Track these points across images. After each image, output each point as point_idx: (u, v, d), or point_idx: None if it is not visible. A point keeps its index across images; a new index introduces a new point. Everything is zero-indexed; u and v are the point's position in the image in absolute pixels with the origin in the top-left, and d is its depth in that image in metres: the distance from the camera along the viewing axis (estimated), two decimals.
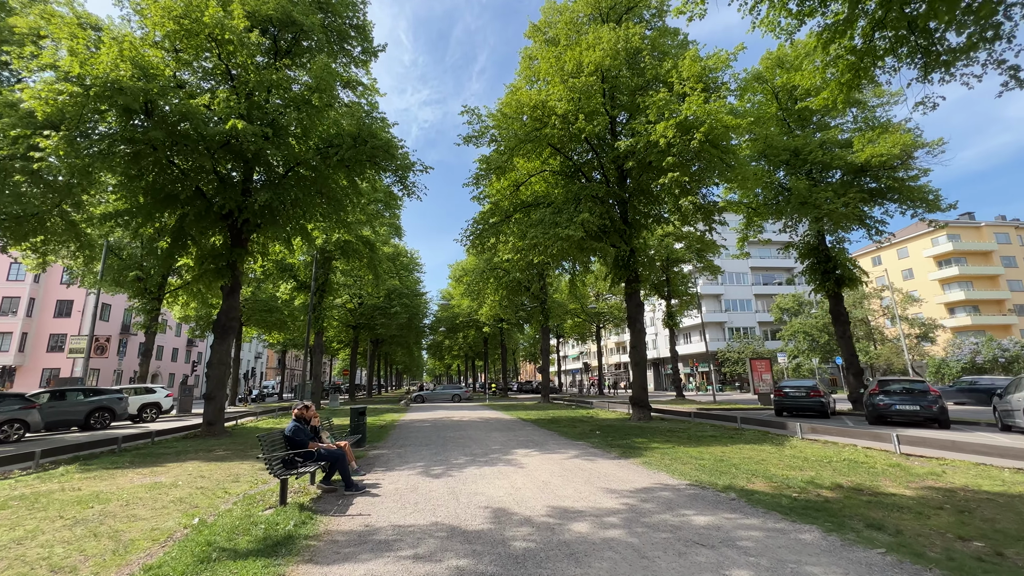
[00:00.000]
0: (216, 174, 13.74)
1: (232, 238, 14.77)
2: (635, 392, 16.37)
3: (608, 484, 6.27)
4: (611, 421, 15.83)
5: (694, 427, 13.14)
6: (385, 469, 7.70)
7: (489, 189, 18.50)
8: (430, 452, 9.45)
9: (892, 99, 18.67)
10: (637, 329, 16.80)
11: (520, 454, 9.04)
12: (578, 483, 6.39)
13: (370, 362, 49.49)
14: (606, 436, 11.59)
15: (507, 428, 14.16)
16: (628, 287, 17.16)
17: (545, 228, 14.34)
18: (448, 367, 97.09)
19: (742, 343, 46.57)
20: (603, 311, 43.17)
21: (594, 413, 19.59)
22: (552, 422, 15.77)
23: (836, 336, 19.17)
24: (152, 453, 9.97)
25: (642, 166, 14.51)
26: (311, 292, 24.66)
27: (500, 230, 17.36)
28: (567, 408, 23.29)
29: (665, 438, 10.96)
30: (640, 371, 16.49)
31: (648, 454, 8.66)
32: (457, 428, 14.35)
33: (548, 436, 11.98)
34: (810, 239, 20.18)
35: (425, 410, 24.23)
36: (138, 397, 18.97)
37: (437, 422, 16.51)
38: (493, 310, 32.34)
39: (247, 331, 41.38)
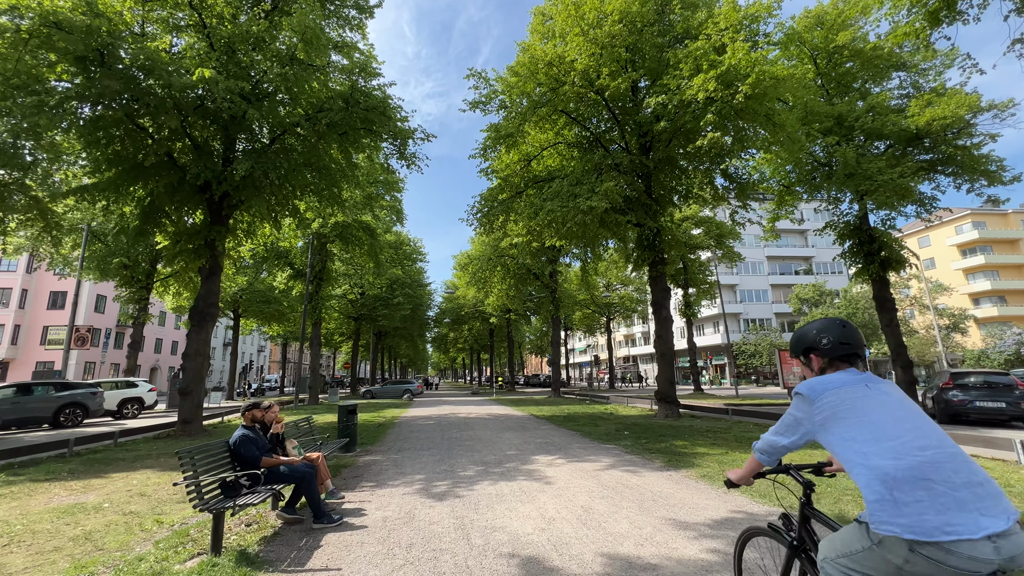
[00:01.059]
0: (190, 139, 12.12)
1: (211, 214, 13.18)
2: (661, 386, 14.71)
3: (672, 512, 4.62)
4: (635, 419, 14.18)
5: (736, 427, 11.46)
6: (375, 484, 6.09)
7: (498, 163, 16.78)
8: (432, 459, 7.83)
9: (946, 60, 16.71)
10: (663, 317, 15.11)
11: (543, 462, 7.40)
12: (630, 509, 4.75)
13: (373, 355, 48.06)
14: (638, 438, 9.94)
15: (520, 427, 12.54)
16: (653, 270, 15.45)
17: (563, 201, 12.62)
18: (453, 361, 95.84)
19: (759, 335, 44.75)
20: (614, 302, 41.43)
21: (613, 409, 17.95)
22: (569, 420, 14.15)
23: (881, 325, 17.37)
24: (104, 459, 8.42)
25: (672, 130, 12.72)
26: (307, 280, 23.09)
27: (510, 208, 15.66)
28: (581, 403, 21.67)
29: (709, 441, 9.30)
30: (666, 363, 14.81)
31: (701, 463, 7.00)
32: (464, 427, 12.75)
33: (570, 437, 10.35)
34: (851, 218, 18.31)
35: (429, 405, 22.69)
36: (117, 392, 17.52)
37: (442, 420, 14.93)
38: (500, 300, 30.70)
39: (246, 323, 40.05)
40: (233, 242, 15.09)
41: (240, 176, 11.34)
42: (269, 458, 4.35)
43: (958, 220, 53.76)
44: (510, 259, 27.22)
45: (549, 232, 15.80)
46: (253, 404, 4.77)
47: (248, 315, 35.99)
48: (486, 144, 15.35)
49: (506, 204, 15.29)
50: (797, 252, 51.02)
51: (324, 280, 26.67)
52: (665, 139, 13.73)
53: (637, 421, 13.47)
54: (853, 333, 1.76)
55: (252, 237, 15.71)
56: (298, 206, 15.91)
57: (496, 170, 16.76)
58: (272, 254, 26.09)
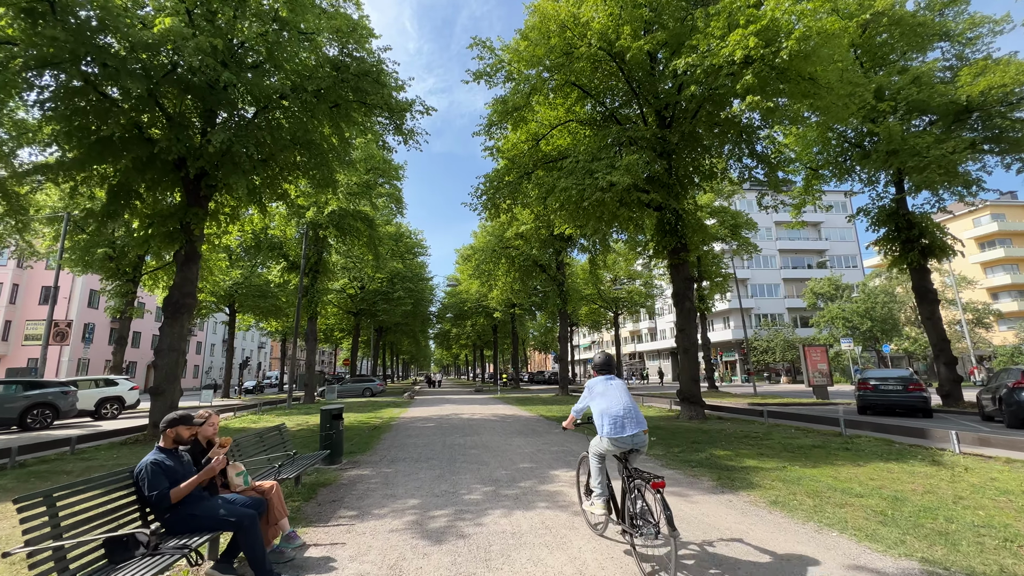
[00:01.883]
0: (161, 110, 10.81)
1: (187, 195, 11.90)
2: (684, 385, 13.38)
3: (762, 567, 3.30)
4: (656, 421, 12.86)
5: (776, 432, 10.12)
6: (356, 515, 4.79)
7: (504, 143, 15.43)
8: (431, 474, 6.53)
9: (995, 27, 15.23)
10: (686, 309, 13.76)
11: (566, 480, 6.10)
12: (703, 561, 3.42)
13: (374, 351, 46.86)
14: (668, 445, 8.62)
15: (531, 431, 11.24)
16: (674, 258, 14.09)
17: (578, 178, 11.25)
18: (456, 357, 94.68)
19: (771, 331, 43.32)
20: (622, 296, 40.05)
21: None
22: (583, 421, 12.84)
23: (922, 318, 15.97)
24: (47, 472, 7.16)
25: (702, 97, 11.32)
26: (301, 271, 21.81)
27: (518, 189, 14.29)
28: None
29: (754, 450, 7.97)
30: (690, 360, 13.48)
31: (761, 483, 5.69)
32: (468, 430, 11.46)
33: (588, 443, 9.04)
34: (887, 202, 16.92)
35: (430, 404, 21.43)
36: (95, 391, 16.30)
37: (443, 421, 13.65)
38: (504, 294, 29.37)
39: (243, 319, 38.90)
40: (216, 227, 13.80)
41: (215, 150, 10.06)
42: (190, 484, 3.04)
43: (976, 212, 52.03)
44: (515, 250, 25.88)
45: (560, 217, 14.47)
46: (178, 419, 3.46)
47: (244, 310, 34.82)
48: (491, 120, 13.99)
49: (513, 186, 13.92)
50: (810, 245, 49.44)
51: (320, 273, 25.40)
52: (691, 110, 12.34)
53: (659, 423, 12.16)
54: (608, 359, 4.17)
55: (236, 222, 14.39)
56: (288, 190, 14.62)
57: (502, 150, 15.40)
58: (265, 245, 24.80)
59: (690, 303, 13.85)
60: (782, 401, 18.39)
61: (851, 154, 17.38)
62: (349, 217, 24.01)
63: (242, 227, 16.89)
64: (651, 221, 18.55)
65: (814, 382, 19.72)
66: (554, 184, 12.01)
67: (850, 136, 17.43)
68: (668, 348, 58.61)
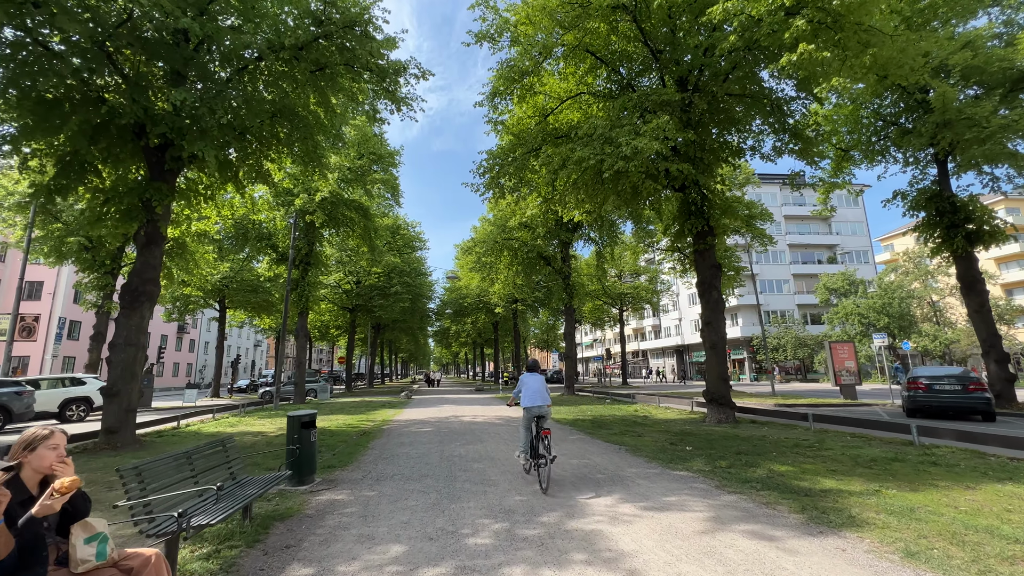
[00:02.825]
0: (115, 67, 9.33)
1: (150, 168, 10.44)
2: (711, 384, 11.95)
3: None
4: (680, 424, 11.43)
5: (829, 439, 8.68)
6: (313, 569, 3.34)
7: (509, 119, 13.99)
8: (423, 503, 5.08)
9: None
10: (713, 300, 12.33)
11: (601, 510, 4.66)
12: None
13: (371, 349, 45.41)
14: (709, 457, 7.19)
15: None
16: (699, 243, 12.66)
17: (597, 148, 9.79)
18: (455, 355, 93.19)
19: (782, 327, 41.90)
20: (627, 292, 38.61)
21: (643, 410, 15.19)
22: (599, 425, 11.41)
23: (969, 311, 14.54)
24: None
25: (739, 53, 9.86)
26: (289, 262, 20.35)
27: (525, 167, 12.83)
28: (600, 402, 18.94)
29: (817, 463, 6.54)
30: (718, 356, 12.05)
31: (864, 516, 4.25)
32: (470, 436, 10.02)
33: (615, 455, 7.60)
34: (926, 184, 15.50)
35: (428, 405, 19.99)
36: (60, 391, 14.85)
37: (442, 425, 12.21)
38: (506, 288, 27.91)
39: (234, 315, 37.46)
40: (187, 208, 12.35)
41: (174, 108, 8.60)
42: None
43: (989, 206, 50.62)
44: (518, 242, 24.41)
45: (573, 196, 13.00)
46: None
47: (234, 305, 33.38)
48: (496, 88, 12.51)
49: (520, 162, 12.45)
50: (820, 240, 47.97)
51: (312, 265, 23.93)
52: (722, 72, 10.87)
53: (685, 428, 10.72)
54: (535, 363, 6.68)
55: (212, 204, 12.89)
56: (270, 170, 13.15)
57: (507, 125, 13.95)
58: (253, 235, 23.32)
59: (717, 293, 12.42)
60: (809, 402, 16.97)
61: (887, 133, 15.96)
62: (342, 206, 22.54)
63: (220, 211, 15.37)
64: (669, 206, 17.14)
65: (842, 381, 18.30)
66: (567, 157, 10.54)
67: (886, 113, 16.01)
68: (673, 346, 57.21)
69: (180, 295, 30.16)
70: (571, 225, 24.85)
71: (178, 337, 55.69)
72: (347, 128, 21.69)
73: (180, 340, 56.25)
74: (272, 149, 12.26)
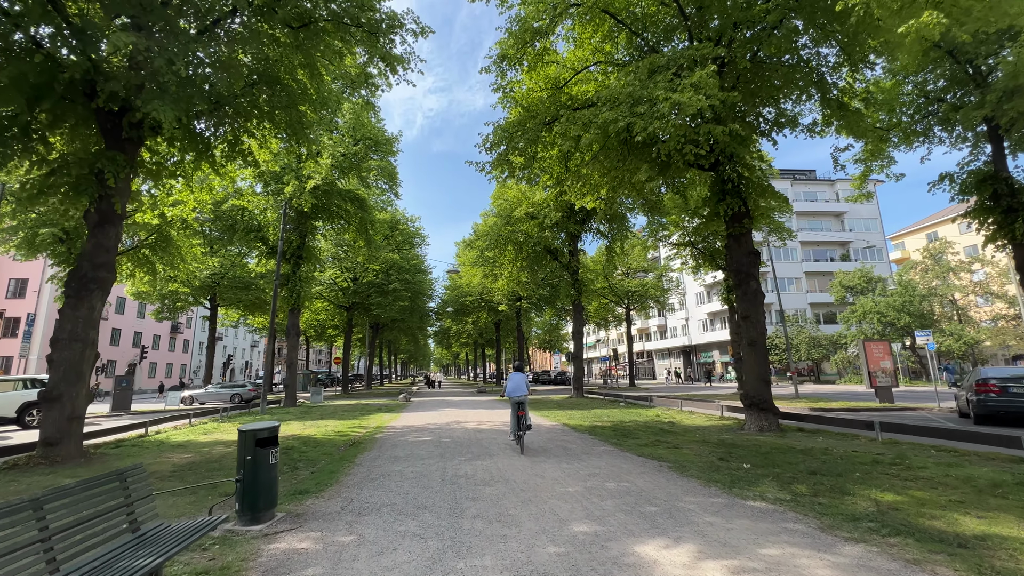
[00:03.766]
0: (56, 9, 7.89)
1: (105, 136, 9.01)
2: (751, 386, 10.48)
3: None
4: (717, 433, 9.96)
5: (908, 452, 7.20)
6: None
7: (517, 90, 12.55)
8: (419, 556, 3.61)
9: None
10: (751, 291, 10.87)
11: (673, 568, 3.17)
12: None
13: (369, 349, 43.90)
14: (780, 480, 5.72)
15: (564, 451, 8.33)
16: (734, 226, 11.20)
17: (624, 111, 8.32)
18: (456, 356, 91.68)
19: (794, 327, 40.41)
20: (636, 289, 37.13)
21: (667, 415, 13.70)
22: (623, 434, 9.95)
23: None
24: None
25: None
26: (279, 253, 18.89)
27: (537, 140, 11.38)
28: (614, 405, 17.45)
29: (925, 488, 5.07)
30: (759, 355, 10.60)
31: None
32: (476, 449, 8.55)
33: (656, 474, 6.12)
34: (980, 164, 14.06)
35: (427, 408, 18.52)
36: (18, 393, 13.39)
37: (443, 434, 10.73)
38: (510, 285, 26.43)
39: (227, 314, 36.03)
40: (154, 184, 10.92)
41: (118, 50, 7.16)
42: None
43: None
44: (523, 235, 22.96)
45: (591, 174, 11.55)
46: None
47: (226, 303, 31.95)
48: (505, 51, 11.06)
49: (532, 134, 10.99)
50: (833, 237, 46.46)
51: (304, 259, 22.47)
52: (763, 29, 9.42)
53: (724, 438, 9.26)
54: (519, 366, 9.64)
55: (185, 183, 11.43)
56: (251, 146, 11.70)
57: (516, 97, 12.49)
58: (241, 227, 21.86)
59: (756, 283, 10.95)
60: (845, 405, 15.50)
61: (932, 111, 14.53)
62: (336, 197, 21.09)
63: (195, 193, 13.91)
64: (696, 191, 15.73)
65: (877, 383, 16.82)
66: (590, 121, 9.08)
67: (930, 89, 14.57)
68: (680, 346, 55.71)
69: (168, 292, 28.73)
70: (580, 216, 23.42)
71: (171, 337, 54.23)
72: (340, 114, 20.28)
73: (174, 340, 54.78)
74: (252, 122, 10.83)
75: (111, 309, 43.30)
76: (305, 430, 11.69)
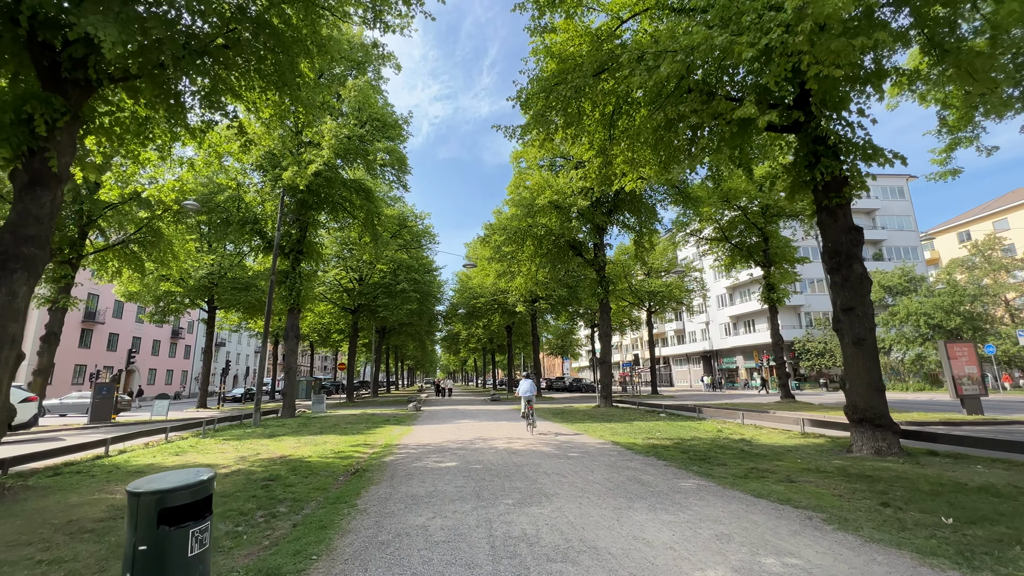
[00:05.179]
0: None
1: (41, 76, 7.04)
2: (859, 396, 8.24)
3: None
4: (827, 457, 7.73)
5: None
6: None
7: (550, 36, 10.50)
8: None
9: None
10: (855, 276, 8.67)
11: None
12: None
13: (376, 355, 41.86)
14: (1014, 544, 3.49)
15: (645, 487, 6.14)
16: (830, 195, 9.03)
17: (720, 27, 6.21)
18: (464, 362, 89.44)
19: (827, 330, 37.92)
20: (659, 291, 34.86)
21: (735, 431, 11.43)
22: (699, 458, 7.75)
23: None
24: None
25: None
26: (275, 246, 16.90)
27: (583, 93, 9.29)
28: (652, 416, 15.19)
29: None
30: (867, 355, 8.38)
31: None
32: (524, 487, 6.39)
33: (818, 536, 3.93)
34: None
35: (442, 420, 16.35)
36: None
37: (469, 457, 8.57)
38: (529, 283, 24.28)
39: (226, 316, 34.15)
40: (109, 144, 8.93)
41: None
42: None
43: None
44: (544, 229, 20.87)
45: (646, 135, 9.42)
46: None
47: (224, 305, 30.03)
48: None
49: (581, 82, 8.88)
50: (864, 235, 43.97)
51: (305, 254, 20.49)
52: None
53: (840, 465, 7.03)
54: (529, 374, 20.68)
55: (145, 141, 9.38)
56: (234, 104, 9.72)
57: (551, 49, 10.43)
58: (236, 220, 19.95)
59: (861, 266, 8.75)
60: (929, 418, 13.17)
61: None
62: (340, 185, 19.16)
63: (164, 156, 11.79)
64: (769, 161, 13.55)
65: (963, 391, 14.46)
66: (660, 55, 6.97)
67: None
68: (699, 352, 53.20)
69: (162, 293, 26.87)
70: (607, 207, 21.31)
71: (172, 342, 52.49)
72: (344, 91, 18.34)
73: (174, 345, 53.05)
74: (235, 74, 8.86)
75: (108, 313, 41.63)
76: (299, 449, 9.58)
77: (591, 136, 10.61)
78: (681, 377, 58.30)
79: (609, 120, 10.41)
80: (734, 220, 24.58)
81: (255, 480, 6.62)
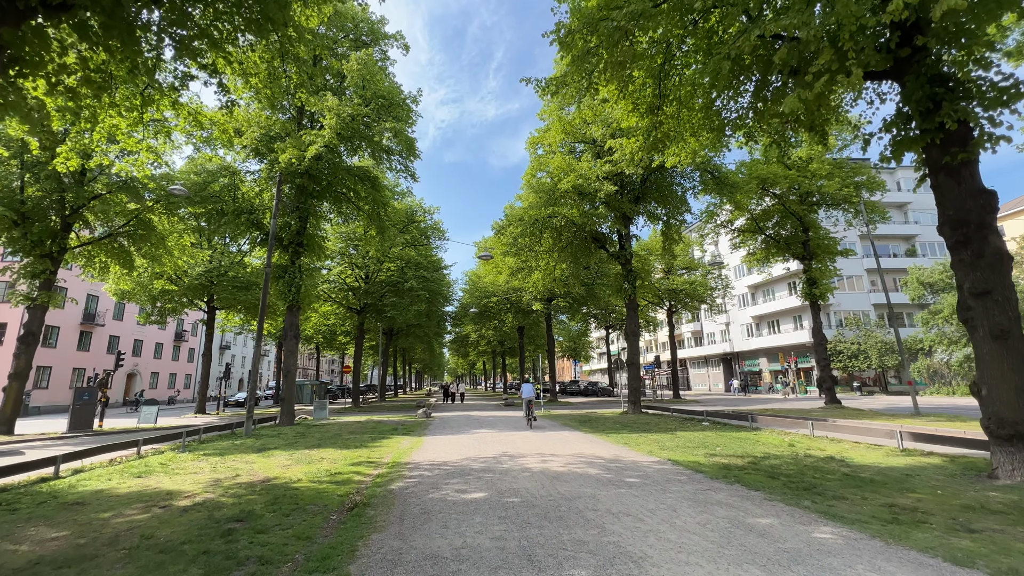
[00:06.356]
0: None
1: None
2: (1003, 404, 6.35)
3: None
4: (957, 484, 5.86)
5: None
6: None
7: None
8: None
9: None
10: (989, 252, 6.82)
11: None
12: None
13: (383, 358, 40.26)
14: None
15: (753, 533, 4.29)
16: (945, 151, 7.16)
17: None
18: (472, 365, 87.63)
19: (860, 332, 35.70)
20: (682, 288, 32.90)
21: (813, 445, 9.51)
22: (796, 485, 5.93)
23: None
24: None
25: None
26: (271, 236, 15.27)
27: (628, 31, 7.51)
28: (693, 425, 13.29)
29: None
30: (1012, 353, 6.47)
31: None
32: (590, 538, 4.61)
33: None
34: None
35: (455, 429, 14.57)
36: None
37: (499, 484, 6.79)
38: (547, 279, 22.50)
39: (226, 317, 32.65)
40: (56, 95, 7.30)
41: None
42: None
43: None
44: (564, 219, 19.10)
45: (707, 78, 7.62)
46: None
47: (224, 305, 28.56)
48: None
49: (632, 15, 7.11)
50: (896, 230, 41.58)
51: (306, 248, 18.87)
52: None
53: (1017, 500, 5.15)
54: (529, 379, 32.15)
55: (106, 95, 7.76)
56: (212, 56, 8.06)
57: None
58: (231, 209, 18.38)
59: (997, 238, 6.87)
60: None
61: None
62: (344, 173, 17.52)
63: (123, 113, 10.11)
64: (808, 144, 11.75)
65: None
66: None
67: None
68: (719, 354, 51.00)
69: (157, 291, 25.42)
70: (634, 194, 19.48)
71: (175, 345, 51.25)
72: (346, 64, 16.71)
73: (177, 348, 51.80)
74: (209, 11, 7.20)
75: (108, 315, 40.40)
76: (288, 469, 7.85)
77: (640, 91, 8.82)
78: (699, 380, 56.06)
79: (657, 76, 8.64)
80: (769, 209, 22.66)
81: (217, 521, 4.88)
